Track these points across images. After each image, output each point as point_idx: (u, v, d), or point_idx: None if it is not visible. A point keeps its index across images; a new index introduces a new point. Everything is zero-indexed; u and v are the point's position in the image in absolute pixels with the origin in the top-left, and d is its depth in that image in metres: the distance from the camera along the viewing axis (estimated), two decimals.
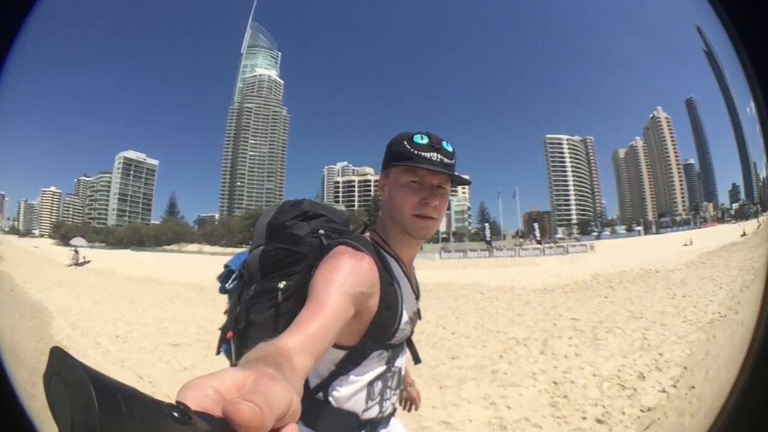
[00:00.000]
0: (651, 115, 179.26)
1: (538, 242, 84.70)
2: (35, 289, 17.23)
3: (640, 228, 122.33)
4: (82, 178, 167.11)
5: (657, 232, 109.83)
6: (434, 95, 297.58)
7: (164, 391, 6.34)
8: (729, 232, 48.51)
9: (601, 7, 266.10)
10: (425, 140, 1.53)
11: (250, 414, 0.47)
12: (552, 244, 70.46)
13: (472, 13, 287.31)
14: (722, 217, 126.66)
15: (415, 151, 1.51)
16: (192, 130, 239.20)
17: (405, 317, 1.54)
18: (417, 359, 1.87)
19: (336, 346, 1.43)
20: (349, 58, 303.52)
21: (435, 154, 1.52)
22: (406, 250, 1.63)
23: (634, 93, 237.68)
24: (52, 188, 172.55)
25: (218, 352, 1.81)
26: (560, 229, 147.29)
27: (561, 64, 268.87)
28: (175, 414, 0.43)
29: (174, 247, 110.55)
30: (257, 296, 1.58)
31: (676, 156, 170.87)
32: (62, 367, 0.40)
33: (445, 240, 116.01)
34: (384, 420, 1.66)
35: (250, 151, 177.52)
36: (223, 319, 1.87)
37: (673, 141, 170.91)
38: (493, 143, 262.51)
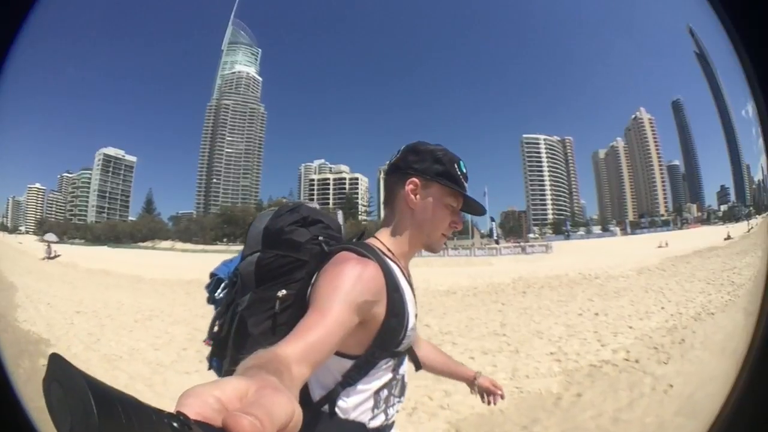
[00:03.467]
0: (633, 116, 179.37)
1: (496, 242, 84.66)
2: (11, 275, 22.03)
3: (616, 229, 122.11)
4: (65, 174, 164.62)
5: (632, 233, 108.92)
6: (412, 94, 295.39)
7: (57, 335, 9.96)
8: (711, 234, 47.02)
9: (585, 7, 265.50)
10: (466, 170, 1.65)
11: (250, 428, 0.48)
12: (509, 244, 70.20)
13: (453, 11, 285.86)
14: (708, 218, 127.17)
15: (462, 179, 1.62)
16: (170, 126, 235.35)
17: (411, 323, 1.53)
18: (418, 366, 1.92)
19: (343, 355, 1.43)
20: (329, 57, 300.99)
21: (467, 185, 1.65)
22: (408, 259, 1.67)
23: (616, 94, 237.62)
24: (37, 185, 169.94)
25: (210, 367, 1.74)
26: (535, 229, 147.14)
27: (543, 65, 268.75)
28: (175, 424, 0.44)
29: (148, 243, 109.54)
30: (254, 305, 1.53)
31: (659, 157, 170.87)
32: (62, 375, 0.42)
33: None
34: (389, 427, 1.64)
35: (227, 148, 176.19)
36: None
37: (656, 142, 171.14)
38: (471, 143, 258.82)
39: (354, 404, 1.46)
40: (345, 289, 1.27)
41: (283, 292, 1.49)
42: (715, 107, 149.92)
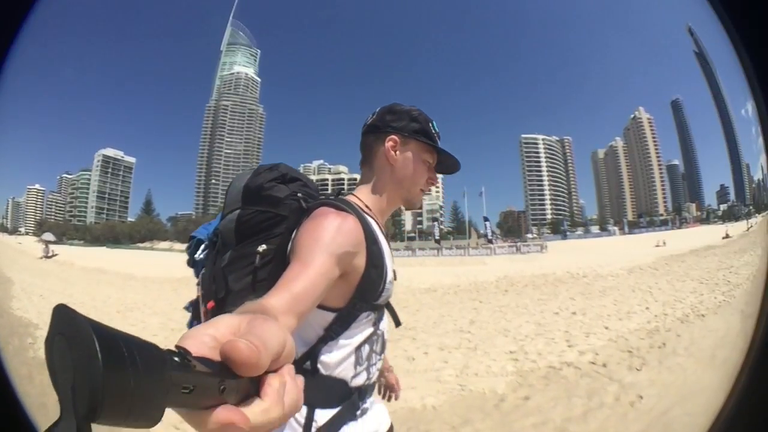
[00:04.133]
0: (632, 116, 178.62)
1: (489, 241, 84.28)
2: (9, 271, 23.54)
3: (615, 228, 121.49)
4: (65, 175, 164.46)
5: (630, 232, 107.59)
6: (411, 94, 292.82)
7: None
8: (710, 233, 46.75)
9: (584, 7, 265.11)
10: (438, 130, 1.75)
11: (247, 351, 0.50)
12: (504, 244, 70.16)
13: (451, 9, 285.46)
14: (707, 217, 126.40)
15: (437, 137, 1.73)
16: (169, 127, 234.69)
17: (390, 275, 1.57)
18: (398, 322, 1.91)
19: (325, 308, 1.45)
20: (327, 57, 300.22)
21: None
22: (384, 216, 1.72)
23: (615, 94, 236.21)
24: (37, 186, 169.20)
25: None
26: (534, 228, 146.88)
27: (541, 64, 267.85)
28: (176, 359, 0.45)
29: (147, 244, 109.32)
30: (234, 262, 1.55)
31: (658, 157, 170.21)
32: (66, 324, 0.41)
33: (411, 239, 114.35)
34: (370, 388, 1.68)
35: (226, 149, 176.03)
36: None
37: (655, 141, 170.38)
38: (470, 142, 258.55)
39: (336, 360, 1.50)
40: (326, 240, 1.32)
41: (263, 247, 1.51)
42: (714, 106, 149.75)
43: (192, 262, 1.85)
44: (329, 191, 1.76)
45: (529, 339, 8.57)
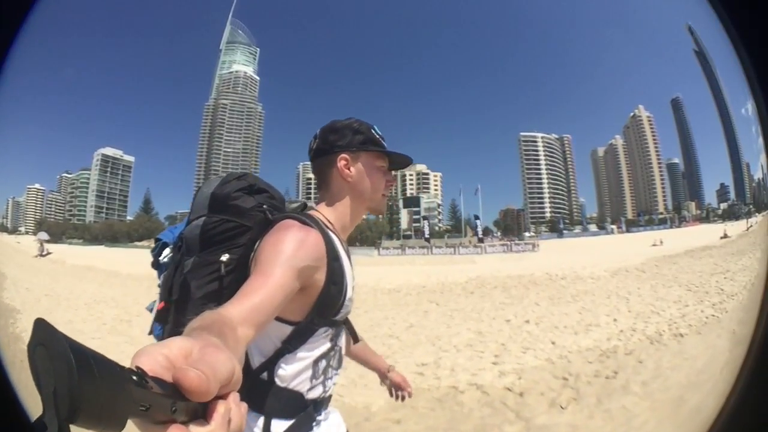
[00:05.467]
0: (632, 114, 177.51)
1: (480, 240, 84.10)
2: (4, 267, 24.88)
3: (613, 226, 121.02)
4: (64, 175, 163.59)
5: (628, 231, 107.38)
6: (410, 92, 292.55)
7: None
8: (708, 232, 45.00)
9: (583, 4, 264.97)
10: (380, 132, 1.80)
11: (197, 380, 0.55)
12: (496, 243, 69.99)
13: (449, 7, 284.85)
14: (707, 216, 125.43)
15: (382, 141, 1.78)
16: (168, 126, 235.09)
17: (349, 293, 1.61)
18: (356, 338, 1.97)
19: (284, 321, 1.48)
20: (326, 55, 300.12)
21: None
22: (346, 232, 1.77)
23: (615, 92, 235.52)
24: (37, 185, 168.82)
25: (151, 332, 1.73)
26: (532, 227, 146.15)
27: (540, 62, 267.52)
28: (134, 377, 0.50)
29: (145, 243, 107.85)
30: (197, 269, 1.56)
31: (658, 155, 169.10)
32: (46, 338, 0.46)
33: (407, 237, 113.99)
34: (326, 401, 1.70)
35: (225, 147, 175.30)
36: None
37: (654, 140, 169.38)
38: (469, 140, 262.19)
39: (293, 372, 1.52)
40: (287, 253, 1.35)
41: (226, 257, 1.53)
42: (714, 105, 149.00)
43: (156, 264, 1.87)
44: (298, 203, 1.81)
45: (455, 351, 7.94)
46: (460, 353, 7.74)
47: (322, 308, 1.51)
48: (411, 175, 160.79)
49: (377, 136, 1.77)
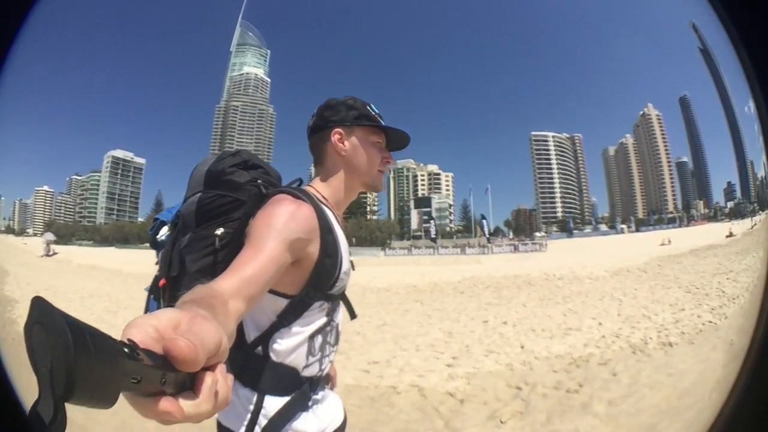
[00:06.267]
0: (641, 112, 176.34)
1: (487, 239, 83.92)
2: (8, 265, 24.77)
3: (623, 226, 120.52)
4: (74, 177, 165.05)
5: (637, 230, 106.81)
6: (421, 92, 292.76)
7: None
8: (715, 231, 43.27)
9: (592, 3, 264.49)
10: (378, 110, 1.81)
11: (186, 349, 0.57)
12: (502, 242, 70.12)
13: (459, 7, 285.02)
14: (715, 215, 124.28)
15: (379, 117, 1.78)
16: (179, 128, 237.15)
17: (345, 266, 1.62)
18: (353, 314, 1.93)
19: (278, 294, 1.49)
20: (337, 55, 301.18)
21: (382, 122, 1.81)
22: (341, 207, 1.78)
23: (624, 90, 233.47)
24: (45, 187, 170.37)
25: (146, 310, 1.72)
26: (543, 226, 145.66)
27: (548, 60, 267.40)
28: (126, 350, 0.52)
29: None
30: (192, 244, 1.57)
31: (668, 154, 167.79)
32: (44, 315, 0.47)
33: (417, 238, 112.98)
34: (322, 380, 1.72)
35: (236, 149, 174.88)
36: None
37: (664, 138, 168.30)
38: (481, 140, 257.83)
39: (288, 347, 1.53)
40: (278, 226, 1.36)
41: (221, 231, 1.53)
42: (720, 103, 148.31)
43: (154, 243, 1.90)
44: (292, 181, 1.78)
45: (414, 350, 7.67)
46: (419, 353, 7.53)
47: (317, 281, 1.53)
48: (422, 175, 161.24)
49: (373, 113, 1.78)
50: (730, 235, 36.23)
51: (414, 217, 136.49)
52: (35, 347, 0.48)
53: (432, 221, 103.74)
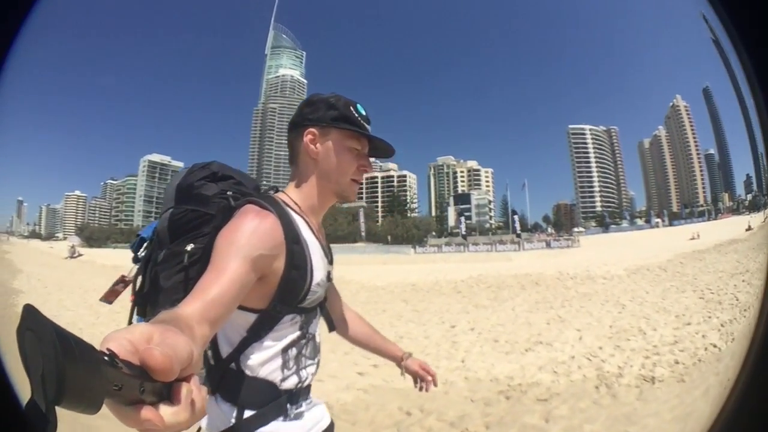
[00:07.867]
0: (671, 104, 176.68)
1: (518, 236, 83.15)
2: (23, 265, 26.54)
3: (657, 220, 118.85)
4: (109, 181, 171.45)
5: (670, 224, 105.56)
6: (458, 90, 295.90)
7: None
8: (737, 225, 41.81)
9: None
10: (365, 112, 1.67)
11: (161, 358, 0.59)
12: (533, 239, 70.01)
13: (497, 5, 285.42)
14: (737, 208, 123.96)
15: (362, 121, 1.63)
16: (218, 131, 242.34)
17: (317, 277, 1.55)
18: (331, 326, 1.96)
19: (247, 309, 1.45)
20: (374, 56, 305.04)
21: (369, 127, 1.68)
22: (317, 214, 1.69)
23: (655, 81, 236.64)
24: (77, 192, 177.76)
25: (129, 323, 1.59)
26: (583, 221, 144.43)
27: (583, 57, 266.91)
28: (106, 359, 0.53)
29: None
30: (166, 261, 1.53)
31: (696, 145, 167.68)
32: (35, 323, 0.49)
33: (455, 235, 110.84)
34: (304, 391, 1.66)
35: (276, 150, 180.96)
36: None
37: (693, 130, 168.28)
38: (519, 135, 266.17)
39: (261, 361, 1.49)
40: (240, 244, 1.30)
41: (191, 246, 1.49)
42: (734, 94, 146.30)
43: (135, 260, 1.80)
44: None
45: (342, 353, 6.94)
46: (346, 357, 6.90)
47: (285, 295, 1.47)
48: (462, 171, 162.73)
49: (355, 115, 1.62)
50: (749, 228, 35.99)
51: (451, 214, 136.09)
52: (28, 353, 0.50)
53: (461, 218, 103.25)
